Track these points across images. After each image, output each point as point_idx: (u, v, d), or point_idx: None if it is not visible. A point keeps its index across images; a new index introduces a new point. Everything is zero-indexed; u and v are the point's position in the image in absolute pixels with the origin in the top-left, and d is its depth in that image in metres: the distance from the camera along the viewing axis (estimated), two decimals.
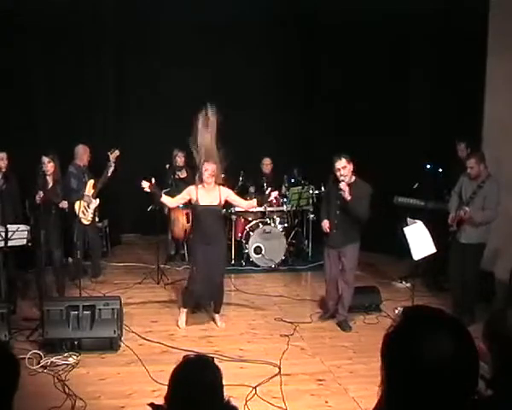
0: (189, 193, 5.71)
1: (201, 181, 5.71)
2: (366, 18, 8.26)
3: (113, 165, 6.87)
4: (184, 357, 2.24)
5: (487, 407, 1.39)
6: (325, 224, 5.69)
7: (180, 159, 8.04)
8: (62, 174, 6.46)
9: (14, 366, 1.51)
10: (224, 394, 2.18)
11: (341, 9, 8.52)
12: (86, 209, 6.84)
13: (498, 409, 1.39)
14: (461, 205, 5.74)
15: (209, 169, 5.63)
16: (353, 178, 5.54)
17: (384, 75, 8.44)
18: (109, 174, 6.90)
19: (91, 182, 6.93)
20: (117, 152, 6.94)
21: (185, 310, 5.80)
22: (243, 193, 8.30)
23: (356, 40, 8.76)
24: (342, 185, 5.37)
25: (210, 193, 5.65)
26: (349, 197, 5.36)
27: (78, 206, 6.65)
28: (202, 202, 5.60)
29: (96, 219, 7.29)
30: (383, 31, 8.28)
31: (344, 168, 5.42)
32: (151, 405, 2.17)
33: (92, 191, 6.90)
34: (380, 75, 8.49)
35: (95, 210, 7.00)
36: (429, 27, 7.84)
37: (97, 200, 6.96)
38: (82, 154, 7.04)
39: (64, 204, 6.19)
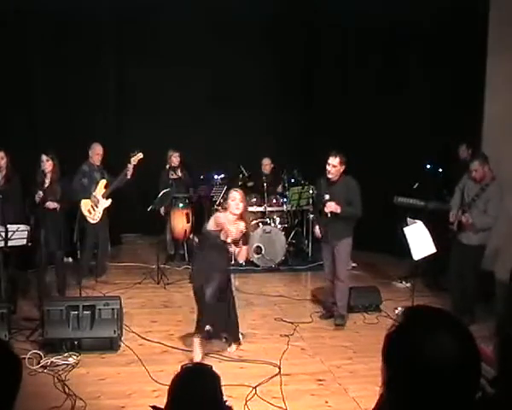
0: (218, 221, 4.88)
1: (226, 209, 4.99)
2: (366, 18, 8.27)
3: (131, 168, 6.83)
4: (182, 366, 2.23)
5: (491, 407, 1.39)
6: (317, 231, 5.87)
7: (176, 159, 8.04)
8: (62, 174, 6.45)
9: (16, 366, 1.51)
10: (224, 398, 2.18)
11: (341, 10, 8.53)
12: (93, 208, 6.82)
13: (502, 408, 1.39)
14: (463, 205, 5.73)
15: (236, 198, 4.86)
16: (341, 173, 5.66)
17: (384, 75, 8.44)
18: (128, 177, 6.86)
19: (103, 182, 6.91)
20: (140, 155, 6.86)
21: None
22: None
23: (356, 40, 8.78)
24: (327, 209, 5.52)
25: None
26: (338, 210, 5.51)
27: (85, 205, 6.65)
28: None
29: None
30: (383, 31, 8.29)
31: (334, 167, 5.53)
32: (153, 407, 2.17)
33: (103, 191, 6.88)
34: (380, 75, 8.50)
35: (104, 210, 6.97)
36: (429, 27, 7.84)
37: (109, 200, 6.92)
38: (95, 152, 7.02)
39: (50, 205, 5.96)
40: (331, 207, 5.53)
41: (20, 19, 7.62)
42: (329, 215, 5.56)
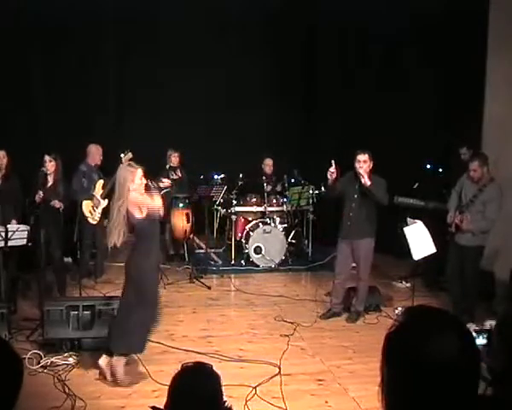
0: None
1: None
2: (366, 18, 8.27)
3: None
4: (183, 365, 2.23)
5: (493, 406, 1.38)
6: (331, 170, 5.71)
7: (175, 159, 8.03)
8: (66, 174, 6.45)
9: (18, 366, 1.50)
10: (224, 398, 2.18)
11: (342, 10, 8.53)
12: (94, 209, 6.83)
13: (505, 407, 1.39)
14: (460, 207, 5.72)
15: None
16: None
17: (384, 75, 8.45)
18: None
19: (101, 182, 6.92)
20: (130, 155, 6.90)
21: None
22: (242, 194, 8.31)
23: (356, 40, 8.78)
24: (362, 171, 5.58)
25: None
26: (369, 182, 5.57)
27: (86, 205, 6.66)
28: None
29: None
30: (383, 31, 8.29)
31: (365, 162, 5.65)
32: (153, 408, 2.17)
33: (101, 192, 6.89)
34: (380, 75, 8.50)
35: (103, 211, 6.97)
36: (429, 27, 7.83)
37: (106, 200, 6.94)
38: (94, 153, 7.02)
39: (56, 204, 6.09)
40: (364, 173, 5.55)
41: (20, 19, 7.63)
42: (356, 196, 5.66)
